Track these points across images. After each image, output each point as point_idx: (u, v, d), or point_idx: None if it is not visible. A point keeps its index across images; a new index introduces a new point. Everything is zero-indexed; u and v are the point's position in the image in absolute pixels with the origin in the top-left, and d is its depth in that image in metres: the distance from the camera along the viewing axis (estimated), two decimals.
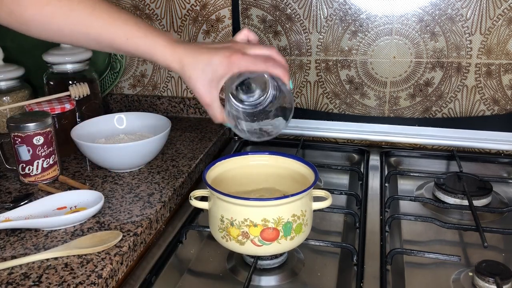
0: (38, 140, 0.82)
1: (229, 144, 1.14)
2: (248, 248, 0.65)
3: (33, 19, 0.61)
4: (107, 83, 1.22)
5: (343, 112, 1.12)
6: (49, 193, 0.80)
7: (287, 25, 1.09)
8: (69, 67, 1.04)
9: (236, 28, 1.12)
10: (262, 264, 0.70)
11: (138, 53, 0.62)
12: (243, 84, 0.64)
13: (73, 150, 0.94)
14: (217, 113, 0.63)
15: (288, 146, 1.12)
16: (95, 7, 0.60)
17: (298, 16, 1.07)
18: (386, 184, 0.94)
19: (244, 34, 0.66)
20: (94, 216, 0.74)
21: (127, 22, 0.61)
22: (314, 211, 0.69)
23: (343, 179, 1.01)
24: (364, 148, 1.08)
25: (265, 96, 0.64)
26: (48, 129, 0.84)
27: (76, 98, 0.98)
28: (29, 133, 0.81)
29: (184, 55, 0.61)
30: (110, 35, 0.61)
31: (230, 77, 0.61)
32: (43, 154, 0.83)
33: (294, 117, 1.10)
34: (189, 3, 1.13)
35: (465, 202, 0.85)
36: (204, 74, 0.60)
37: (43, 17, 0.60)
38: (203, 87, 0.61)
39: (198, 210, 0.85)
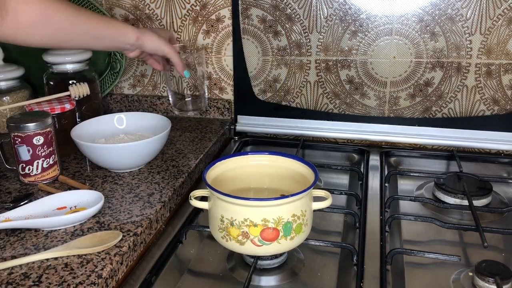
0: (38, 140, 0.82)
1: (229, 144, 1.14)
2: (248, 248, 0.65)
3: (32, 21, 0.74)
4: (107, 83, 1.22)
5: (343, 112, 1.12)
6: (49, 193, 0.80)
7: (287, 25, 1.09)
8: (69, 67, 1.04)
9: (236, 28, 1.12)
10: (262, 264, 0.70)
11: (115, 35, 0.84)
12: None
13: (73, 150, 0.94)
14: (180, 60, 0.93)
15: (288, 146, 1.13)
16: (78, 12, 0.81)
17: (298, 16, 1.07)
18: (386, 184, 0.94)
19: None
20: (94, 216, 0.74)
21: (101, 17, 0.83)
22: (314, 211, 0.69)
23: (343, 179, 1.01)
24: (364, 148, 1.08)
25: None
26: (48, 129, 0.84)
27: (76, 98, 0.98)
28: (29, 133, 0.81)
29: (146, 31, 0.89)
30: (96, 25, 0.81)
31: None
32: (43, 154, 0.83)
33: (294, 117, 1.13)
34: (189, 3, 1.13)
35: (465, 202, 0.85)
36: (163, 37, 0.92)
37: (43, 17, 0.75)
38: (166, 45, 0.90)
39: (198, 210, 0.85)
